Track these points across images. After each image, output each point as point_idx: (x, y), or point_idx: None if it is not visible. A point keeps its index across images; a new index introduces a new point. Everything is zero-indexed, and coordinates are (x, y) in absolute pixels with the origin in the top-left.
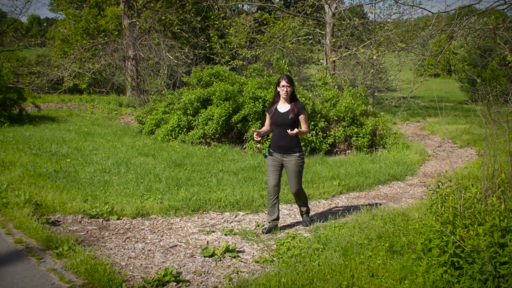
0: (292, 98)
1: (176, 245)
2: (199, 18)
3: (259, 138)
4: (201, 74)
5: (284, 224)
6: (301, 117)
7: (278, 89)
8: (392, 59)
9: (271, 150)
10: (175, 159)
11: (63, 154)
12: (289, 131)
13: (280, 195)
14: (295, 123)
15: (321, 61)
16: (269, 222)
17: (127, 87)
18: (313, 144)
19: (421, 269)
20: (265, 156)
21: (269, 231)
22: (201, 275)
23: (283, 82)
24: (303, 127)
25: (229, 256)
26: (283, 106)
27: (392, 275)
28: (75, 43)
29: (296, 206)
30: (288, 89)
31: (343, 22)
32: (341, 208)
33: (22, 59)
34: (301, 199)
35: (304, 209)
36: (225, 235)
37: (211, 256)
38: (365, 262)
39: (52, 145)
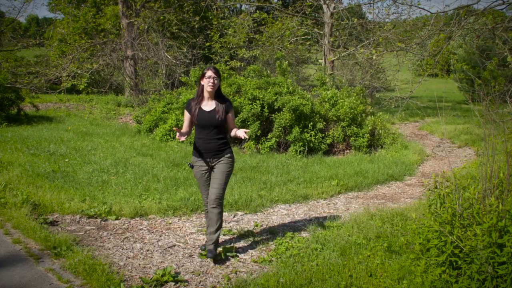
0: (218, 94)
1: (174, 245)
2: (197, 18)
3: (182, 138)
4: (200, 73)
5: (283, 224)
6: (229, 116)
7: (203, 82)
8: (391, 59)
9: (196, 158)
10: (173, 159)
11: (61, 154)
12: (236, 132)
13: (277, 195)
14: (223, 124)
15: (319, 61)
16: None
17: (125, 87)
18: (311, 144)
19: (420, 269)
20: (191, 167)
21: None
22: (199, 275)
23: (209, 73)
24: (231, 127)
25: (228, 256)
26: (208, 104)
27: (390, 275)
28: (73, 43)
29: (295, 206)
30: (215, 80)
31: (342, 23)
32: (339, 208)
33: (20, 59)
34: (217, 214)
35: (214, 236)
36: (224, 235)
37: None
38: (364, 262)
39: (50, 145)
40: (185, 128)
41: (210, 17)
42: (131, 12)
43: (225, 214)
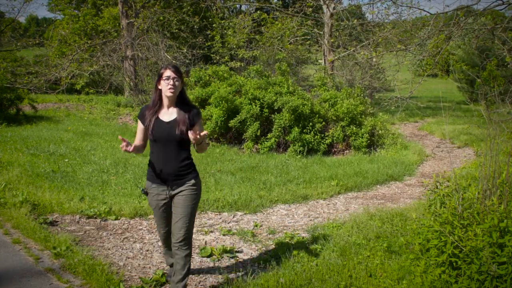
0: (181, 100)
1: None
2: (197, 19)
3: (129, 148)
4: (200, 74)
5: (283, 225)
6: (195, 128)
7: (160, 85)
8: (391, 59)
9: (151, 183)
10: None
11: (61, 154)
12: (190, 134)
13: (277, 195)
14: (187, 139)
15: (319, 61)
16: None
17: (125, 87)
18: (311, 144)
19: (419, 269)
20: (145, 193)
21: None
22: (199, 275)
23: (167, 73)
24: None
25: (227, 256)
26: (168, 113)
27: (390, 275)
28: (73, 43)
29: (294, 206)
30: (177, 82)
31: (341, 23)
32: (339, 208)
33: (20, 59)
34: (185, 257)
35: (180, 275)
36: (223, 235)
37: (209, 256)
38: (363, 262)
39: (50, 145)
40: (137, 142)
41: (210, 18)
42: (131, 13)
43: (225, 214)
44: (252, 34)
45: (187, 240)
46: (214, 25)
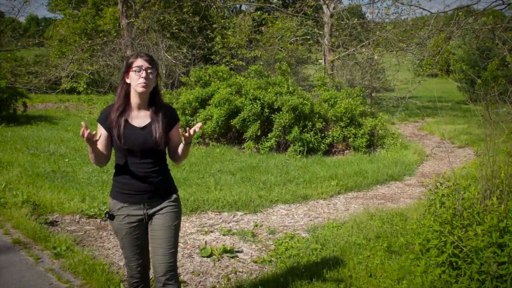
0: (153, 99)
1: None
2: (197, 18)
3: (92, 135)
4: (200, 74)
5: (283, 225)
6: (174, 133)
7: (128, 78)
8: (391, 59)
9: (119, 204)
10: None
11: (61, 154)
12: (180, 130)
13: (277, 195)
14: (165, 146)
15: (319, 61)
16: None
17: None
18: (311, 144)
19: (419, 269)
20: (110, 217)
21: None
22: (199, 275)
23: (139, 61)
24: (176, 147)
25: (227, 256)
26: (139, 116)
27: (390, 275)
28: (73, 43)
29: (294, 206)
30: (151, 75)
31: (342, 22)
32: (339, 208)
33: (20, 59)
34: None
35: None
36: (223, 235)
37: (209, 256)
38: (363, 262)
39: (50, 145)
40: (100, 148)
41: (212, 17)
42: (131, 12)
43: (225, 214)
44: (253, 34)
45: (173, 272)
46: (214, 25)
